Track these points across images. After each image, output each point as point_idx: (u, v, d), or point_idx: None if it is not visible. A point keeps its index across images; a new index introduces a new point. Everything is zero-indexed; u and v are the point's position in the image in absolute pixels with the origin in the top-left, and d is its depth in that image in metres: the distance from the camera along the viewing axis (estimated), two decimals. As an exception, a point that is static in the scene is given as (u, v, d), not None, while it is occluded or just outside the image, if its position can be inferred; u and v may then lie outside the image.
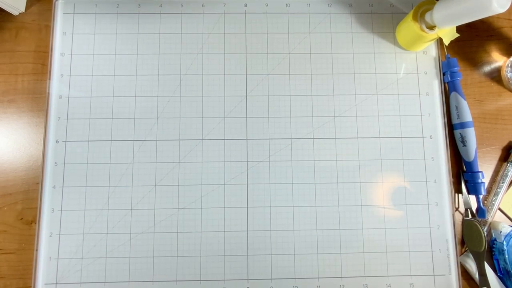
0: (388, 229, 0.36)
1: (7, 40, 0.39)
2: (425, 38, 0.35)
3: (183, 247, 0.35)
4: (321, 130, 0.37)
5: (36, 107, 0.37)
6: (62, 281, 0.34)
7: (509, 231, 0.36)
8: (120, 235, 0.35)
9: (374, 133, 0.37)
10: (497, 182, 0.38)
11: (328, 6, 0.40)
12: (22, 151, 0.37)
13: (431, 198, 0.37)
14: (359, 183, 0.37)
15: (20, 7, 0.38)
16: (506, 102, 0.39)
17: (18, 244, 0.36)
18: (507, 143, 0.39)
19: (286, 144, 0.37)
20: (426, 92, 0.38)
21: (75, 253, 0.35)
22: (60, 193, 0.36)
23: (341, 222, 0.36)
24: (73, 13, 0.39)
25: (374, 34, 0.39)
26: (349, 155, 0.37)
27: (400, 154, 0.37)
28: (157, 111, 0.37)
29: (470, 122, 0.37)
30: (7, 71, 0.38)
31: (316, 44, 0.39)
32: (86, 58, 0.38)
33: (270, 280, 0.35)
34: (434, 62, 0.39)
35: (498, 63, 0.40)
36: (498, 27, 0.41)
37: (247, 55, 0.38)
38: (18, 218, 0.36)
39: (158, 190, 0.36)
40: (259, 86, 0.38)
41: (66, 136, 0.36)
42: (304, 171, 0.37)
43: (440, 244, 0.36)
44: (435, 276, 0.35)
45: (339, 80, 0.38)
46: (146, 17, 0.39)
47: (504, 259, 0.35)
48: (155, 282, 0.35)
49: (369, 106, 0.38)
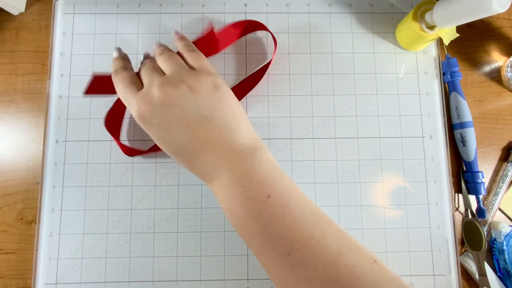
0: (388, 229, 0.36)
1: (7, 40, 0.39)
2: (425, 38, 0.35)
3: (183, 247, 0.35)
4: (321, 130, 0.37)
5: (36, 107, 0.37)
6: (62, 281, 0.34)
7: (509, 231, 0.36)
8: (120, 235, 0.35)
9: (374, 133, 0.37)
10: (497, 182, 0.38)
11: (328, 6, 0.40)
12: (22, 151, 0.37)
13: (431, 198, 0.37)
14: (359, 183, 0.37)
15: (20, 7, 0.38)
16: (506, 102, 0.39)
17: (18, 244, 0.36)
18: (507, 143, 0.39)
19: (286, 144, 0.37)
20: (426, 92, 0.38)
21: (75, 253, 0.35)
22: (60, 193, 0.36)
23: (341, 222, 0.36)
24: (73, 13, 0.39)
25: (374, 34, 0.39)
26: (349, 155, 0.37)
27: (400, 154, 0.37)
28: (157, 111, 0.37)
29: (470, 122, 0.37)
30: (7, 71, 0.38)
31: (316, 44, 0.39)
32: (86, 58, 0.38)
33: (270, 280, 0.35)
34: (434, 62, 0.39)
35: (498, 63, 0.40)
36: (498, 27, 0.41)
37: (247, 55, 0.38)
38: (18, 218, 0.36)
39: (158, 190, 0.36)
40: (259, 86, 0.38)
41: (66, 136, 0.36)
42: (304, 171, 0.37)
43: (440, 244, 0.36)
44: (435, 276, 0.35)
45: (339, 80, 0.38)
46: (146, 17, 0.39)
47: (504, 259, 0.35)
48: (155, 282, 0.35)
49: (369, 106, 0.38)
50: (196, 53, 0.30)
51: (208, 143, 0.25)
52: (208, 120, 0.25)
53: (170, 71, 0.28)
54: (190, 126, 0.25)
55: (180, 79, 0.26)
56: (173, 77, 0.27)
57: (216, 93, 0.26)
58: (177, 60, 0.29)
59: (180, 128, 0.25)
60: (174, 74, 0.27)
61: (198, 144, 0.25)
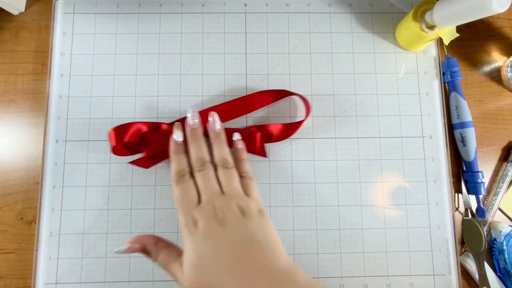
0: (388, 229, 0.36)
1: (7, 40, 0.39)
2: (425, 38, 0.35)
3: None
4: (321, 130, 0.37)
5: (36, 107, 0.37)
6: (62, 281, 0.34)
7: (509, 231, 0.36)
8: (120, 235, 0.35)
9: (374, 133, 0.37)
10: (497, 182, 0.38)
11: (328, 6, 0.40)
12: (22, 151, 0.37)
13: (431, 198, 0.37)
14: (359, 183, 0.37)
15: (20, 7, 0.38)
16: (506, 102, 0.39)
17: (18, 244, 0.36)
18: (507, 143, 0.39)
19: (286, 144, 0.37)
20: (426, 92, 0.38)
21: (75, 253, 0.35)
22: (60, 193, 0.36)
23: (341, 222, 0.36)
24: (73, 13, 0.39)
25: (374, 34, 0.39)
26: (349, 155, 0.37)
27: (400, 154, 0.37)
28: (157, 111, 0.37)
29: (470, 122, 0.37)
30: (7, 71, 0.38)
31: (316, 44, 0.39)
32: (86, 58, 0.38)
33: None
34: (434, 62, 0.39)
35: (498, 63, 0.40)
36: (498, 27, 0.41)
37: (247, 55, 0.38)
38: (18, 218, 0.36)
39: (158, 190, 0.36)
40: (259, 86, 0.38)
41: (66, 136, 0.36)
42: (304, 171, 0.37)
43: (440, 244, 0.36)
44: (435, 276, 0.35)
45: (339, 80, 0.38)
46: (146, 17, 0.39)
47: (504, 259, 0.35)
48: (155, 282, 0.35)
49: (369, 106, 0.38)
50: (252, 181, 0.31)
51: (250, 263, 0.26)
52: (254, 242, 0.26)
53: (228, 192, 0.29)
54: (237, 244, 0.26)
55: (235, 202, 0.28)
56: (229, 200, 0.28)
57: (263, 219, 0.28)
58: (235, 182, 0.30)
59: (226, 244, 0.26)
60: (231, 197, 0.29)
61: (240, 262, 0.26)
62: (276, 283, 0.25)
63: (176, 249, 0.29)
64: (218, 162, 0.31)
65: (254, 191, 0.31)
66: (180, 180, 0.30)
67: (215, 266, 0.26)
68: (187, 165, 0.31)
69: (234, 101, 0.36)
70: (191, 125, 0.33)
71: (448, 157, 0.37)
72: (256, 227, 0.27)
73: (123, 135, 0.34)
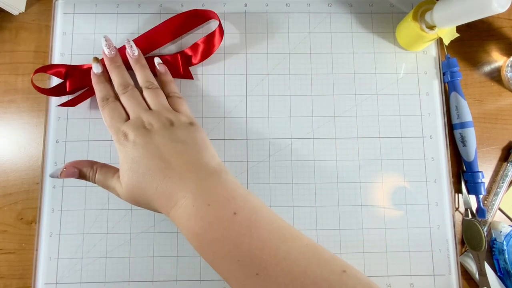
0: (388, 229, 0.36)
1: (7, 40, 0.39)
2: (425, 38, 0.35)
3: (183, 247, 0.35)
4: (321, 130, 0.37)
5: (36, 107, 0.37)
6: (62, 281, 0.34)
7: (509, 231, 0.36)
8: (120, 235, 0.35)
9: (374, 133, 0.37)
10: (497, 182, 0.38)
11: (328, 6, 0.40)
12: (22, 151, 0.37)
13: (431, 198, 0.37)
14: (359, 183, 0.37)
15: (20, 7, 0.38)
16: (506, 102, 0.39)
17: (18, 244, 0.36)
18: (507, 143, 0.39)
19: (286, 144, 0.37)
20: (426, 92, 0.38)
21: (75, 253, 0.35)
22: (60, 193, 0.36)
23: (341, 222, 0.36)
24: (73, 13, 0.39)
25: (374, 34, 0.39)
26: (349, 155, 0.37)
27: (400, 154, 0.37)
28: (157, 111, 0.37)
29: (470, 122, 0.37)
30: (7, 71, 0.38)
31: (316, 44, 0.39)
32: (86, 58, 0.38)
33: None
34: (434, 62, 0.39)
35: (498, 63, 0.40)
36: (498, 27, 0.41)
37: (247, 55, 0.38)
38: (18, 218, 0.36)
39: (158, 190, 0.36)
40: (259, 86, 0.38)
41: (66, 136, 0.36)
42: (304, 171, 0.37)
43: (440, 244, 0.36)
44: (435, 276, 0.35)
45: (339, 80, 0.38)
46: (146, 17, 0.39)
47: (504, 259, 0.35)
48: (155, 282, 0.35)
49: (369, 106, 0.38)
50: (181, 99, 0.33)
51: (177, 161, 0.27)
52: (181, 143, 0.28)
53: (155, 108, 0.31)
54: (165, 147, 0.28)
55: (163, 115, 0.30)
56: (158, 113, 0.30)
57: (191, 127, 0.30)
58: (163, 100, 0.32)
59: (154, 148, 0.27)
60: (159, 111, 0.30)
61: (167, 162, 0.27)
62: (203, 180, 0.26)
63: (113, 167, 0.31)
64: (143, 85, 0.33)
65: (183, 107, 0.32)
66: (106, 103, 0.31)
67: (146, 168, 0.27)
68: (111, 91, 0.33)
69: (151, 30, 0.37)
70: (108, 55, 0.33)
71: (448, 157, 0.37)
72: (185, 133, 0.29)
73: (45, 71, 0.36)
